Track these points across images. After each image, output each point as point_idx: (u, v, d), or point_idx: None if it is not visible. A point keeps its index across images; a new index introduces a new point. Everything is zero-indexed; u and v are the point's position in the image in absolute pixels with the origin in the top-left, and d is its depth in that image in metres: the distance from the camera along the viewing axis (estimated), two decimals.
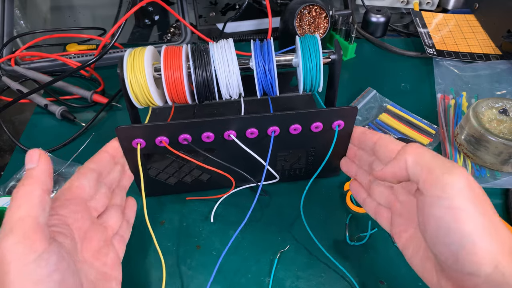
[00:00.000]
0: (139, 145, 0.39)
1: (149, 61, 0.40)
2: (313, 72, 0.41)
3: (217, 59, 0.40)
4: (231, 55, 0.41)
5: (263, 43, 0.42)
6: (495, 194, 0.49)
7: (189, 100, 0.42)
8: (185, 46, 0.42)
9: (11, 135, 0.55)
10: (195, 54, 0.41)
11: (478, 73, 0.67)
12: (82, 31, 0.70)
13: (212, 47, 0.41)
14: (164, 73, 0.40)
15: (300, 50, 0.42)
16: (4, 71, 0.64)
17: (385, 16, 0.75)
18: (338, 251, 0.44)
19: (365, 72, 0.69)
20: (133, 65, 0.39)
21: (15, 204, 0.26)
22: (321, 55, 0.41)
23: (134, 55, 0.40)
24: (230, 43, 0.41)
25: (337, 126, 0.42)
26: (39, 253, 0.25)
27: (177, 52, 0.41)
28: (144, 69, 0.39)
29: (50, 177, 0.29)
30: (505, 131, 0.49)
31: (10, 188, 0.48)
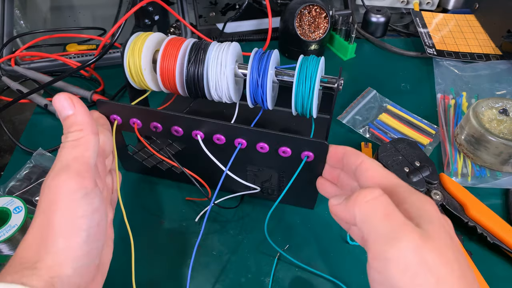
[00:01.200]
0: (116, 121, 0.41)
1: (150, 46, 0.41)
2: (305, 96, 0.40)
3: (212, 59, 0.41)
4: (226, 57, 0.40)
5: (264, 55, 0.41)
6: (495, 194, 0.49)
7: (181, 92, 0.43)
8: (189, 40, 0.42)
9: (11, 135, 0.55)
10: (193, 49, 0.41)
11: (478, 73, 0.67)
12: (82, 31, 0.70)
13: (212, 47, 0.41)
14: (160, 61, 0.41)
15: (297, 71, 0.40)
16: (4, 71, 0.64)
17: (385, 16, 0.75)
18: (339, 251, 0.44)
19: (365, 72, 0.69)
20: (135, 46, 0.41)
21: (70, 144, 0.29)
22: (317, 81, 0.39)
23: (140, 37, 0.42)
24: (232, 47, 0.41)
25: (306, 157, 0.38)
26: (87, 191, 0.28)
27: (178, 43, 0.41)
28: (142, 52, 0.41)
29: (92, 119, 0.31)
30: (505, 131, 0.49)
31: (10, 188, 0.48)
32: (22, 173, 0.50)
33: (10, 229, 0.40)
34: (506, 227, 0.43)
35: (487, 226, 0.43)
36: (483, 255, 0.43)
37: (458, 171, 0.51)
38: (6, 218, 0.41)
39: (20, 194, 0.48)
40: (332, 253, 0.44)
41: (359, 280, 0.41)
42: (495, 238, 0.43)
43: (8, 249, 0.42)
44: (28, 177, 0.50)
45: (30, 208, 0.47)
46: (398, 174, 0.46)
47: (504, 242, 0.42)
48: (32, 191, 0.48)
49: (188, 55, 0.41)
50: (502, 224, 0.43)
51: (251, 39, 0.76)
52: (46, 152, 0.53)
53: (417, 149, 0.49)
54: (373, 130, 0.57)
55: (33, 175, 0.50)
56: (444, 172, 0.51)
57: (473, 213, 0.44)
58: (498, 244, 0.42)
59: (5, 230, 0.40)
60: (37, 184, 0.49)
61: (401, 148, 0.49)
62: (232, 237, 0.45)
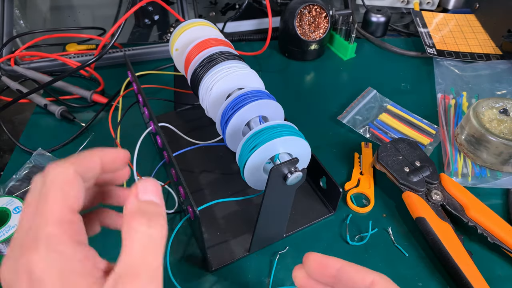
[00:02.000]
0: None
1: (192, 33, 0.47)
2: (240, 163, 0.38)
3: (210, 76, 0.41)
4: (218, 79, 0.41)
5: (239, 100, 0.39)
6: (495, 194, 0.49)
7: (188, 81, 0.47)
8: (218, 48, 0.44)
9: (11, 135, 0.55)
10: (207, 59, 0.42)
11: (478, 73, 0.67)
12: (82, 31, 0.70)
13: (221, 64, 0.42)
14: (189, 49, 0.45)
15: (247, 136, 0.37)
16: (3, 71, 0.64)
17: (385, 16, 0.75)
18: (339, 251, 0.44)
19: (365, 72, 0.69)
20: (185, 27, 0.47)
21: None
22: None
23: (193, 24, 0.48)
24: (233, 72, 0.41)
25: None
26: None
27: (209, 44, 0.44)
28: (181, 35, 0.47)
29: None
30: (505, 131, 0.49)
31: (10, 188, 0.48)
32: (22, 173, 0.50)
33: (10, 229, 0.40)
34: (506, 227, 0.43)
35: (487, 226, 0.43)
36: (483, 255, 0.43)
37: (459, 171, 0.51)
38: (6, 218, 0.41)
39: (20, 194, 0.48)
40: (332, 253, 0.43)
41: None
42: (495, 238, 0.43)
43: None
44: (28, 177, 0.49)
45: None
46: (398, 174, 0.46)
47: (504, 242, 0.42)
48: None
49: (203, 58, 0.43)
50: (502, 224, 0.43)
51: (251, 39, 0.75)
52: (46, 152, 0.53)
53: (417, 149, 0.49)
54: (373, 130, 0.56)
55: (33, 175, 0.49)
56: (445, 172, 0.51)
57: (473, 213, 0.44)
58: (498, 244, 0.42)
59: (5, 230, 0.40)
60: None
61: (401, 148, 0.49)
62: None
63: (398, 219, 0.47)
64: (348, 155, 0.54)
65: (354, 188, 0.49)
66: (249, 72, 0.42)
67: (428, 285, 0.41)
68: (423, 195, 0.46)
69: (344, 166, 0.53)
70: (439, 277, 0.42)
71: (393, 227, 0.46)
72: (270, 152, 0.36)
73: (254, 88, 0.40)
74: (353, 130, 0.57)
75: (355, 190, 0.49)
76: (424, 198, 0.45)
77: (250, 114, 0.39)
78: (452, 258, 0.40)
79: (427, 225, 0.43)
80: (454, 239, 0.42)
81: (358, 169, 0.51)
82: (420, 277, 0.42)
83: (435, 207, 0.45)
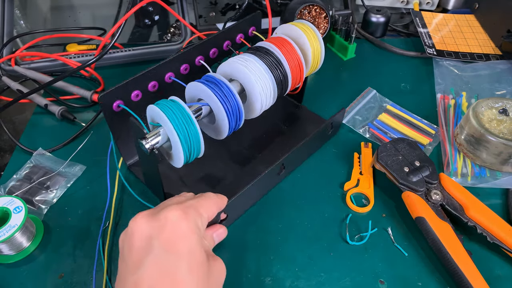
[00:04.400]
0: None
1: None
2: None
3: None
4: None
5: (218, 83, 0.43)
6: (495, 194, 0.49)
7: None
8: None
9: (11, 135, 0.55)
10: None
11: (478, 73, 0.67)
12: (82, 31, 0.70)
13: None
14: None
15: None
16: (4, 71, 0.64)
17: (385, 16, 0.75)
18: (339, 251, 0.44)
19: (365, 72, 0.69)
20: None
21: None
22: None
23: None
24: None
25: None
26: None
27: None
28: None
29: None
30: (505, 131, 0.49)
31: (10, 188, 0.48)
32: (22, 173, 0.50)
33: (10, 229, 0.40)
34: (505, 227, 0.43)
35: (486, 226, 0.43)
36: (483, 255, 0.43)
37: (458, 171, 0.51)
38: (6, 218, 0.41)
39: (20, 194, 0.48)
40: (332, 253, 0.44)
41: (359, 280, 0.41)
42: (495, 238, 0.43)
43: (8, 249, 0.42)
44: (28, 177, 0.50)
45: (30, 208, 0.47)
46: (398, 174, 0.46)
47: (503, 241, 0.42)
48: (32, 191, 0.48)
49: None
50: (501, 224, 0.43)
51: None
52: (46, 152, 0.53)
53: (417, 149, 0.49)
54: (373, 130, 0.57)
55: (33, 175, 0.50)
56: (444, 172, 0.51)
57: (472, 213, 0.44)
58: (498, 244, 0.42)
59: (5, 230, 0.40)
60: (37, 184, 0.49)
61: (401, 148, 0.49)
62: (232, 237, 0.45)
63: (397, 219, 0.47)
64: (348, 155, 0.54)
65: (353, 188, 0.49)
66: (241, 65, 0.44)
67: (428, 284, 0.41)
68: (423, 195, 0.46)
69: (344, 166, 0.53)
70: (439, 276, 0.42)
71: (393, 227, 0.46)
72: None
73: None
74: (353, 130, 0.57)
75: (355, 190, 0.49)
76: (424, 198, 0.45)
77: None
78: (452, 258, 0.40)
79: (427, 225, 0.43)
80: (454, 239, 0.42)
81: (358, 169, 0.51)
82: (420, 276, 0.42)
83: (435, 207, 0.45)
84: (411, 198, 0.45)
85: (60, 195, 0.48)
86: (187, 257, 0.32)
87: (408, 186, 0.46)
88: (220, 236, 0.40)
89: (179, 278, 0.31)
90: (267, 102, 0.46)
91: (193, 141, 0.39)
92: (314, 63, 0.50)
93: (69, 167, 0.51)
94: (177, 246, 0.32)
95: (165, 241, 0.32)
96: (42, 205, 0.47)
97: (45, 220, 0.46)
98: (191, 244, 0.33)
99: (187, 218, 0.33)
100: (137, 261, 0.31)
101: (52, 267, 0.42)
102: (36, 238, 0.44)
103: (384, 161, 0.48)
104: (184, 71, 0.49)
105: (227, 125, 0.42)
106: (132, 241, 0.32)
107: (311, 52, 0.49)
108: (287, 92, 0.49)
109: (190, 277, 0.31)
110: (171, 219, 0.33)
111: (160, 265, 0.31)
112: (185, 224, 0.33)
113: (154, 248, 0.32)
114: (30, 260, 0.43)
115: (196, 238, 0.33)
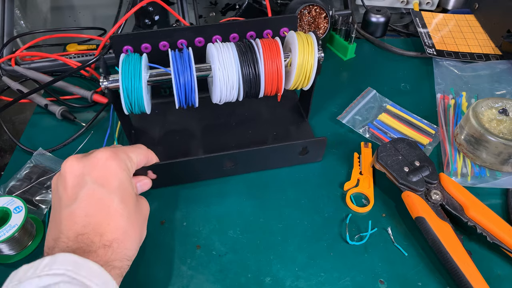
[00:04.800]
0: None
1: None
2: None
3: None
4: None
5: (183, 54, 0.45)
6: (495, 194, 0.49)
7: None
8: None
9: (11, 135, 0.56)
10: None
11: (478, 73, 0.67)
12: (82, 31, 0.70)
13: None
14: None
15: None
16: (4, 71, 0.64)
17: (385, 16, 0.75)
18: (339, 251, 0.44)
19: (365, 72, 0.69)
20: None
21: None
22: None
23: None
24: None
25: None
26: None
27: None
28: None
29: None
30: (504, 131, 0.49)
31: (10, 188, 0.48)
32: (22, 173, 0.50)
33: (10, 229, 0.40)
34: (505, 226, 0.43)
35: (486, 225, 0.43)
36: (483, 254, 0.43)
37: (458, 171, 0.51)
38: (6, 218, 0.41)
39: (20, 194, 0.48)
40: (332, 253, 0.44)
41: (359, 280, 0.41)
42: (495, 238, 0.43)
43: (8, 249, 0.42)
44: (28, 177, 0.50)
45: (30, 208, 0.47)
46: (398, 174, 0.46)
47: (503, 241, 0.42)
48: (32, 191, 0.48)
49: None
50: (501, 223, 0.43)
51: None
52: (46, 152, 0.53)
53: (417, 149, 0.49)
54: (373, 130, 0.57)
55: (33, 175, 0.50)
56: (444, 172, 0.51)
57: (472, 213, 0.44)
58: (497, 243, 0.42)
59: (5, 230, 0.40)
60: (37, 183, 0.49)
61: (401, 148, 0.49)
62: (232, 237, 0.45)
63: (397, 219, 0.47)
64: (348, 155, 0.54)
65: (353, 188, 0.49)
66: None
67: (428, 284, 0.41)
68: (423, 195, 0.46)
69: (344, 166, 0.53)
70: (439, 276, 0.42)
71: (393, 227, 0.46)
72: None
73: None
74: (353, 130, 0.57)
75: (355, 190, 0.49)
76: (424, 198, 0.45)
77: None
78: (452, 258, 0.40)
79: (427, 225, 0.43)
80: (454, 238, 0.42)
81: (358, 169, 0.51)
82: (420, 276, 0.42)
83: (435, 206, 0.45)
84: (411, 198, 0.45)
85: None
86: (118, 190, 0.36)
87: (408, 186, 0.46)
88: (143, 186, 0.43)
89: (112, 208, 0.35)
90: (227, 93, 0.46)
91: (134, 94, 0.43)
92: (302, 77, 0.48)
93: None
94: (108, 180, 0.36)
95: (97, 177, 0.35)
96: (42, 205, 0.47)
97: (45, 220, 0.46)
98: (122, 179, 0.36)
99: (117, 158, 0.37)
100: (72, 195, 0.35)
101: None
102: (36, 238, 0.44)
103: (384, 161, 0.48)
104: (198, 43, 0.50)
105: (177, 94, 0.45)
106: (66, 179, 0.35)
107: (298, 64, 0.46)
108: (261, 94, 0.48)
109: (123, 206, 0.35)
110: (101, 158, 0.36)
111: (94, 196, 0.34)
112: (115, 163, 0.37)
113: (87, 183, 0.35)
114: (30, 260, 0.42)
115: (126, 175, 0.37)
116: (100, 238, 0.33)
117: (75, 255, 0.30)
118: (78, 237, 0.33)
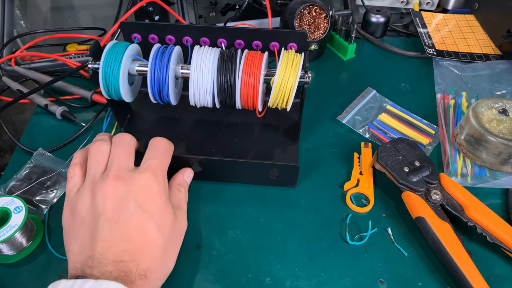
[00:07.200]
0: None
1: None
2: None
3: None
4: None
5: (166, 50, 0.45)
6: (495, 194, 0.49)
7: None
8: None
9: (11, 135, 0.55)
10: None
11: (478, 73, 0.67)
12: (82, 31, 0.70)
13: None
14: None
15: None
16: (4, 71, 0.64)
17: (385, 16, 0.75)
18: (339, 251, 0.44)
19: (365, 72, 0.69)
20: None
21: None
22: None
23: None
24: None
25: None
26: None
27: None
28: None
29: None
30: (504, 131, 0.49)
31: (10, 188, 0.48)
32: (22, 173, 0.50)
33: (10, 229, 0.40)
34: (505, 227, 0.43)
35: (486, 226, 0.43)
36: (483, 255, 0.43)
37: (458, 171, 0.51)
38: (6, 218, 0.41)
39: (20, 194, 0.48)
40: (332, 253, 0.44)
41: (359, 280, 0.41)
42: (495, 238, 0.43)
43: (8, 249, 0.42)
44: (28, 177, 0.50)
45: (30, 208, 0.47)
46: (398, 174, 0.46)
47: (503, 241, 0.42)
48: (32, 191, 0.48)
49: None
50: (501, 224, 0.43)
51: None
52: (47, 152, 0.53)
53: (416, 149, 0.49)
54: (373, 130, 0.57)
55: (33, 175, 0.50)
56: (444, 172, 0.51)
57: (472, 213, 0.44)
58: (497, 244, 0.42)
59: (5, 230, 0.40)
60: (37, 184, 0.49)
61: (400, 148, 0.49)
62: (232, 237, 0.45)
63: (397, 219, 0.47)
64: (348, 155, 0.54)
65: (353, 188, 0.49)
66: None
67: (428, 284, 0.41)
68: (423, 195, 0.46)
69: (344, 166, 0.53)
70: (439, 276, 0.42)
71: (393, 227, 0.46)
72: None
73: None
74: (353, 130, 0.57)
75: (355, 190, 0.49)
76: (424, 198, 0.45)
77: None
78: (452, 258, 0.40)
79: (427, 225, 0.43)
80: (454, 238, 0.42)
81: (358, 169, 0.51)
82: (420, 276, 0.42)
83: (435, 207, 0.45)
84: (411, 198, 0.45)
85: (60, 195, 0.48)
86: (156, 216, 0.36)
87: (408, 186, 0.46)
88: (189, 179, 0.46)
89: (149, 236, 0.36)
90: (200, 97, 0.45)
91: (112, 81, 0.44)
92: (280, 97, 0.44)
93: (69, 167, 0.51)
94: (148, 205, 0.36)
95: (139, 201, 0.36)
96: (42, 205, 0.47)
97: (45, 220, 0.46)
98: (159, 205, 0.37)
99: (157, 180, 0.38)
100: (113, 217, 0.35)
101: (52, 267, 0.42)
102: (36, 238, 0.44)
103: (384, 161, 0.48)
104: (203, 43, 0.50)
105: (150, 89, 0.45)
106: (107, 199, 0.36)
107: (276, 83, 0.43)
108: (238, 106, 0.46)
109: (159, 235, 0.36)
110: (142, 178, 0.37)
111: (133, 220, 0.35)
112: (156, 186, 0.38)
113: (130, 206, 0.36)
114: (30, 260, 0.43)
115: (165, 199, 0.38)
116: (137, 267, 0.33)
117: (119, 284, 0.30)
118: (117, 264, 0.33)
